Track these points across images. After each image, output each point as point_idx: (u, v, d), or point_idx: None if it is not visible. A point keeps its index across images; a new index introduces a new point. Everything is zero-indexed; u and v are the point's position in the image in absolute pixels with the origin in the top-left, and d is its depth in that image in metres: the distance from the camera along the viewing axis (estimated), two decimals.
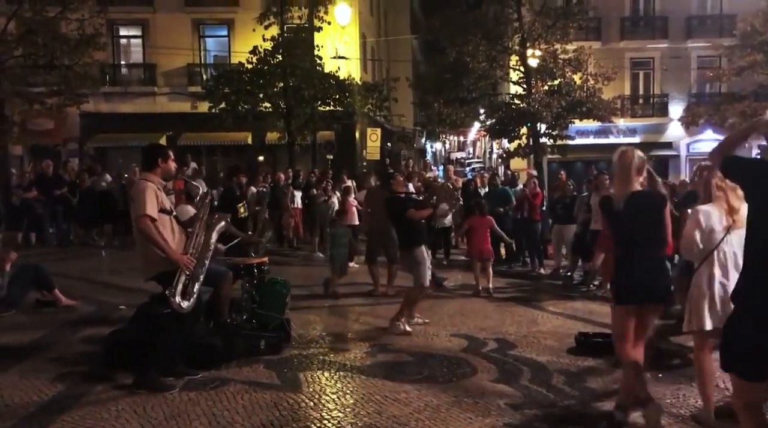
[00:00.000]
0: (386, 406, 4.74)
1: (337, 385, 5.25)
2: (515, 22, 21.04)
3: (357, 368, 5.68)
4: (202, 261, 5.11)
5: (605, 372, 5.57)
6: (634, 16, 27.33)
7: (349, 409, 4.72)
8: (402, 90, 25.43)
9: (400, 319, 6.93)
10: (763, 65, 21.78)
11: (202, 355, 5.52)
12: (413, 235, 7.19)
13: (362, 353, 6.18)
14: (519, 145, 22.04)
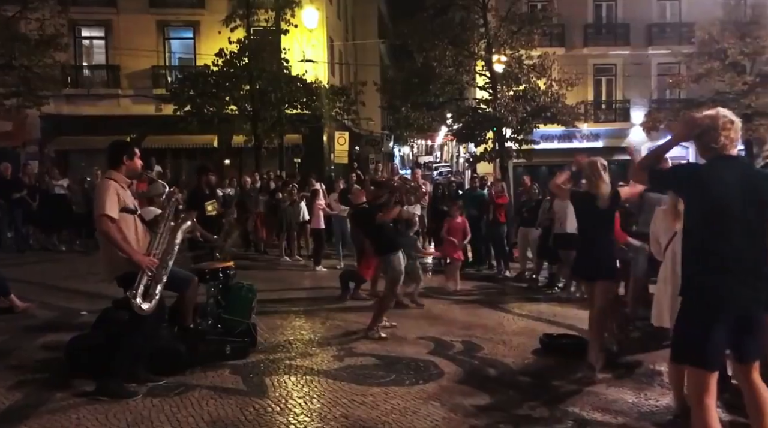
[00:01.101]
0: (353, 410, 4.73)
1: (303, 390, 5.23)
2: (481, 27, 21.24)
3: (324, 372, 5.66)
4: (165, 262, 5.03)
5: (569, 373, 5.65)
6: (597, 23, 27.84)
7: (315, 413, 4.70)
8: (370, 94, 25.45)
9: (374, 327, 6.94)
10: (720, 72, 22.36)
11: (166, 361, 5.44)
12: (388, 242, 7.20)
13: (329, 357, 6.16)
14: (485, 149, 22.23)
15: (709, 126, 3.33)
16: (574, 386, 5.32)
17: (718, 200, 3.21)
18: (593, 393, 5.12)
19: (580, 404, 4.87)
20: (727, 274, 3.18)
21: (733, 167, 3.32)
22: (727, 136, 3.32)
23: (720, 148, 3.33)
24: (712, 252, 3.22)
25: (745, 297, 3.19)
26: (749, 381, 3.33)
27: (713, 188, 3.23)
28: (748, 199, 3.22)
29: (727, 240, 3.19)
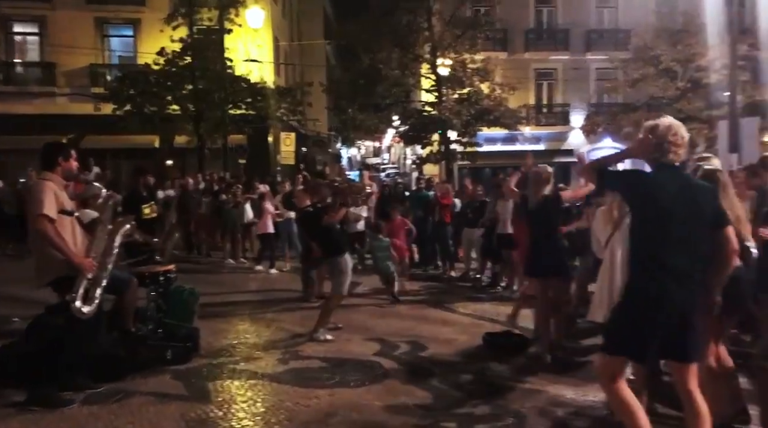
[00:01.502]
0: (297, 413, 4.72)
1: (247, 394, 5.17)
2: (426, 31, 21.50)
3: (268, 376, 5.61)
4: (104, 265, 4.89)
5: (511, 371, 5.78)
6: (537, 28, 28.50)
7: (259, 418, 4.66)
8: (316, 95, 25.36)
9: (319, 330, 6.92)
10: (654, 78, 23.24)
11: (104, 367, 5.29)
12: (335, 244, 7.19)
13: (274, 360, 6.11)
14: (431, 151, 22.51)
15: (659, 138, 3.48)
16: (515, 383, 5.44)
17: (663, 207, 3.37)
18: (533, 390, 5.25)
19: (521, 401, 4.98)
20: (666, 277, 3.34)
21: (676, 176, 3.49)
22: (676, 152, 3.49)
23: (667, 157, 3.49)
24: (654, 255, 3.38)
25: (682, 300, 3.36)
26: (688, 390, 3.47)
27: (658, 195, 3.39)
28: (688, 207, 3.39)
29: (668, 245, 3.36)
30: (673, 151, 3.47)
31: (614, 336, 3.52)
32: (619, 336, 3.48)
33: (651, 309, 3.33)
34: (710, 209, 3.49)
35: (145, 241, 7.14)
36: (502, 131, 24.16)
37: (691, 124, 22.70)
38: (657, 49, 22.88)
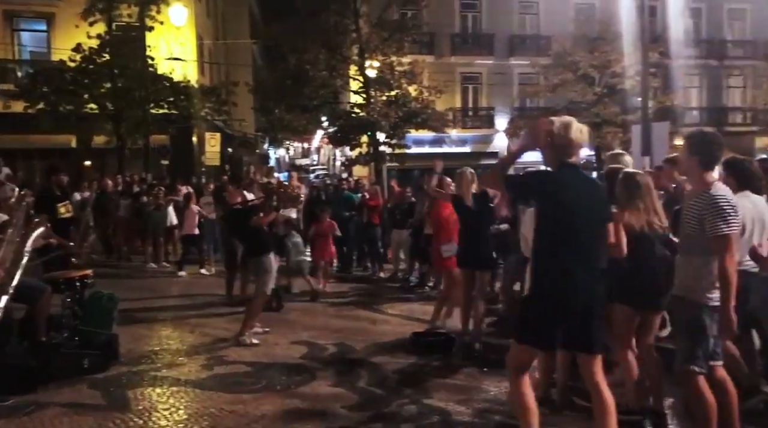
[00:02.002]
0: (222, 419, 4.62)
1: (169, 401, 5.03)
2: (353, 32, 21.51)
3: (191, 382, 5.47)
4: (12, 272, 4.64)
5: (437, 369, 5.87)
6: (463, 33, 29.05)
7: (181, 425, 4.54)
8: (242, 95, 24.92)
9: (245, 333, 6.81)
10: (573, 83, 24.16)
11: (13, 378, 5.01)
12: (260, 243, 7.10)
13: (197, 366, 5.97)
14: (360, 152, 22.54)
15: (563, 136, 3.60)
16: (441, 381, 5.52)
17: (568, 204, 3.50)
18: (458, 387, 5.35)
19: (446, 398, 5.06)
20: (573, 270, 3.49)
21: (577, 174, 3.65)
22: (578, 147, 3.64)
23: (567, 156, 3.62)
24: (561, 249, 3.51)
25: (588, 292, 3.52)
26: (594, 381, 3.61)
27: (563, 193, 3.52)
28: (589, 204, 3.56)
29: (574, 240, 3.50)
30: (576, 151, 3.63)
31: (524, 326, 3.66)
32: (528, 326, 3.62)
33: (559, 301, 3.48)
34: (606, 205, 3.73)
35: (61, 245, 6.83)
36: (430, 133, 24.49)
37: (607, 128, 23.80)
38: (575, 55, 23.79)
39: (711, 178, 3.79)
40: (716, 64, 29.72)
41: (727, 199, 3.67)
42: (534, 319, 3.58)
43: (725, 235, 3.59)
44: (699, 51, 28.15)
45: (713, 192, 3.69)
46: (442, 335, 6.82)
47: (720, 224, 3.60)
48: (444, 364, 6.01)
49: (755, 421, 4.37)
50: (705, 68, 29.45)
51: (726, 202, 3.65)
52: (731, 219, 3.61)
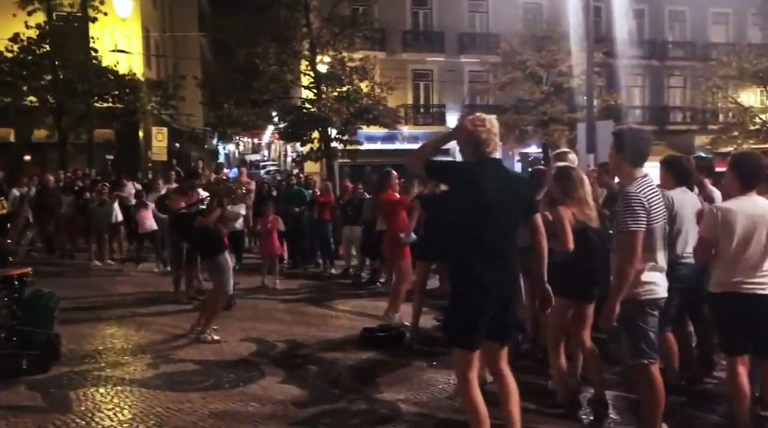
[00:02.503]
0: (168, 418, 4.54)
1: (113, 401, 4.90)
2: (304, 27, 21.35)
3: (137, 381, 5.35)
4: None
5: (388, 364, 5.89)
6: (414, 29, 29.18)
7: (126, 425, 4.43)
8: (190, 89, 24.46)
9: (206, 330, 6.72)
10: (521, 81, 24.60)
11: None
12: (212, 243, 7.00)
13: (143, 365, 5.84)
14: (311, 148, 22.41)
15: (488, 133, 3.66)
16: (391, 376, 5.55)
17: (487, 197, 3.54)
18: (408, 381, 5.39)
19: (396, 392, 5.09)
20: (491, 263, 3.54)
21: (496, 168, 3.70)
22: (495, 141, 3.69)
23: (489, 151, 3.68)
24: (479, 242, 3.55)
25: (506, 283, 3.59)
26: (499, 368, 3.70)
27: (483, 186, 3.56)
28: (509, 197, 3.61)
29: (491, 232, 3.55)
30: (493, 145, 3.67)
31: (449, 328, 3.70)
32: (457, 327, 3.62)
33: (482, 295, 3.51)
34: (527, 198, 3.76)
35: None
36: (382, 130, 24.54)
37: (554, 126, 24.33)
38: (524, 54, 24.21)
39: (639, 173, 3.85)
40: (658, 64, 30.72)
41: (639, 197, 3.70)
42: (458, 320, 3.60)
43: (630, 232, 3.67)
44: (642, 51, 29.05)
45: (628, 189, 3.80)
46: (393, 330, 6.86)
47: (628, 221, 3.68)
48: (394, 359, 6.04)
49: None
50: (647, 68, 30.40)
51: (637, 200, 3.69)
52: (640, 217, 3.66)
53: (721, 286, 3.92)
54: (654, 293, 3.79)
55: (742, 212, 3.83)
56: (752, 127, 25.22)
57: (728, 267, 3.87)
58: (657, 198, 3.80)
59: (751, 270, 3.83)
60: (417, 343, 6.44)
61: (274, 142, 56.19)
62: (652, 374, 3.80)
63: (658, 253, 3.82)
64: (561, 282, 4.43)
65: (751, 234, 3.82)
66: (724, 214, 3.86)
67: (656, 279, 3.81)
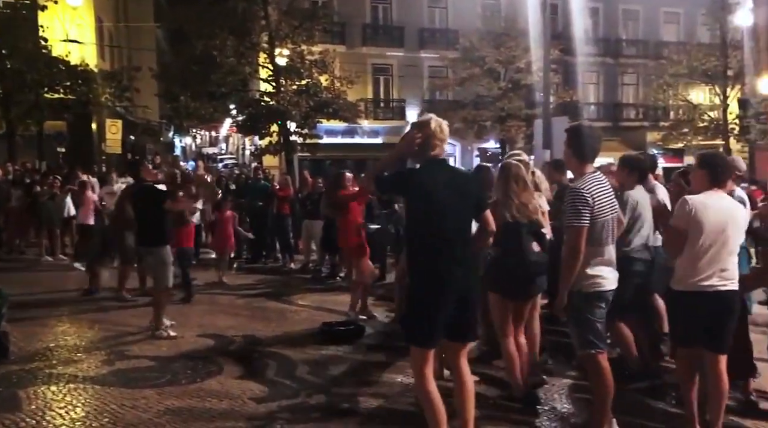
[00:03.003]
0: (123, 415, 4.47)
1: (65, 399, 4.80)
2: (262, 20, 21.10)
3: (90, 378, 5.25)
4: None
5: (346, 359, 5.92)
6: (374, 23, 29.10)
7: (79, 423, 4.35)
8: (145, 80, 23.92)
9: (160, 327, 6.63)
10: (479, 77, 24.82)
11: None
12: (161, 233, 6.89)
13: (97, 362, 5.73)
14: (270, 142, 22.20)
15: (428, 135, 3.71)
16: (349, 370, 5.58)
17: (436, 198, 3.60)
18: (366, 376, 5.42)
19: (354, 387, 5.13)
20: (446, 262, 3.59)
21: (443, 169, 3.77)
22: (440, 143, 3.74)
23: (434, 154, 3.74)
24: (434, 243, 3.60)
25: (462, 280, 3.62)
26: (458, 365, 3.75)
27: (431, 188, 3.62)
28: (458, 195, 3.67)
29: (444, 232, 3.61)
30: (438, 146, 3.73)
31: (411, 326, 3.71)
32: (414, 325, 3.67)
33: (437, 294, 3.56)
34: (475, 196, 3.81)
35: None
36: (342, 124, 24.46)
37: (512, 122, 24.63)
38: (482, 50, 24.42)
39: (588, 169, 3.95)
40: (612, 61, 31.38)
41: (582, 193, 3.80)
42: (415, 318, 3.64)
43: (572, 228, 3.79)
44: (597, 49, 29.63)
45: (573, 185, 3.91)
46: (352, 325, 6.88)
47: (571, 217, 3.80)
48: (353, 354, 6.06)
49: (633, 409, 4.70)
50: (602, 66, 31.02)
51: (580, 196, 3.78)
52: (583, 213, 3.76)
53: (685, 285, 3.92)
54: (601, 286, 3.89)
55: (712, 206, 3.88)
56: (701, 124, 25.98)
57: (693, 263, 3.88)
58: (604, 192, 3.89)
59: (716, 266, 3.86)
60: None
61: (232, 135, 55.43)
62: (600, 363, 3.90)
63: (607, 247, 3.92)
64: (493, 279, 4.57)
65: (718, 230, 3.86)
66: (697, 207, 3.86)
67: (603, 272, 3.90)
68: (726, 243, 3.88)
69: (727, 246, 3.89)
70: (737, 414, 4.47)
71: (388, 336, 6.61)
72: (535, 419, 4.48)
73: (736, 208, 4.00)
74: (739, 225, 3.95)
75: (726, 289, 3.89)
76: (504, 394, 4.81)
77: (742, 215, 3.98)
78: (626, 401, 4.20)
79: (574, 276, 3.81)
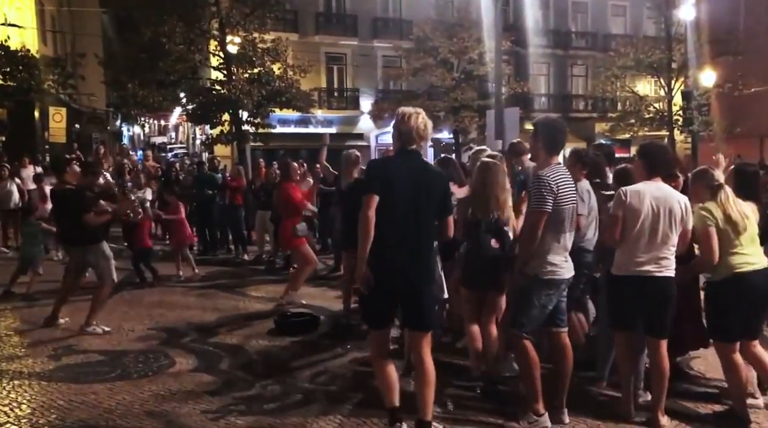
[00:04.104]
0: (72, 411, 4.36)
1: (10, 396, 4.66)
2: (213, 6, 20.67)
3: (36, 374, 5.11)
4: None
5: (301, 349, 5.91)
6: (327, 12, 28.86)
7: (25, 420, 4.23)
8: (91, 67, 23.23)
9: (92, 322, 6.44)
10: (433, 68, 24.92)
11: None
12: (91, 232, 6.53)
13: (43, 358, 5.56)
14: (222, 131, 21.83)
15: (409, 129, 3.78)
16: (305, 361, 5.57)
17: (394, 188, 3.69)
18: (321, 366, 5.42)
19: (310, 377, 5.12)
20: (396, 252, 3.71)
21: (411, 160, 3.82)
22: (419, 140, 3.80)
23: (409, 146, 3.81)
24: (385, 232, 3.69)
25: (411, 272, 3.75)
26: (419, 354, 3.84)
27: (392, 178, 3.71)
28: (420, 188, 3.75)
29: (397, 222, 3.70)
30: (416, 142, 3.81)
31: (364, 309, 3.99)
32: (366, 309, 3.96)
33: (385, 282, 3.71)
34: (439, 195, 3.83)
35: None
36: (296, 113, 24.24)
37: (465, 113, 24.85)
38: (435, 40, 24.51)
39: (554, 161, 4.06)
40: (562, 53, 31.97)
41: (548, 180, 3.91)
42: (369, 302, 3.84)
43: (535, 212, 3.93)
44: (547, 41, 30.13)
45: (539, 172, 4.02)
46: (306, 315, 6.86)
47: (533, 201, 3.94)
48: (308, 345, 6.05)
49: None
50: (552, 57, 31.57)
51: (545, 183, 3.90)
52: (546, 199, 3.87)
53: (622, 269, 4.15)
54: (556, 274, 4.00)
55: (648, 194, 4.08)
56: (647, 115, 26.72)
57: (630, 249, 4.09)
58: (567, 183, 4.02)
59: (652, 252, 4.06)
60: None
61: (181, 124, 54.25)
62: (525, 347, 4.06)
63: (565, 235, 4.03)
64: (463, 273, 4.71)
65: (654, 216, 4.05)
66: (631, 195, 4.09)
67: (559, 261, 4.02)
68: (659, 231, 4.05)
69: (660, 233, 4.05)
70: (680, 397, 4.64)
71: (341, 327, 6.62)
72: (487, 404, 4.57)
73: (672, 197, 4.14)
74: (675, 214, 4.09)
75: (661, 275, 4.07)
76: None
77: (678, 205, 4.13)
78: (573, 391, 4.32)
79: (529, 257, 3.97)
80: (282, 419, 4.27)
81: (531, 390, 4.07)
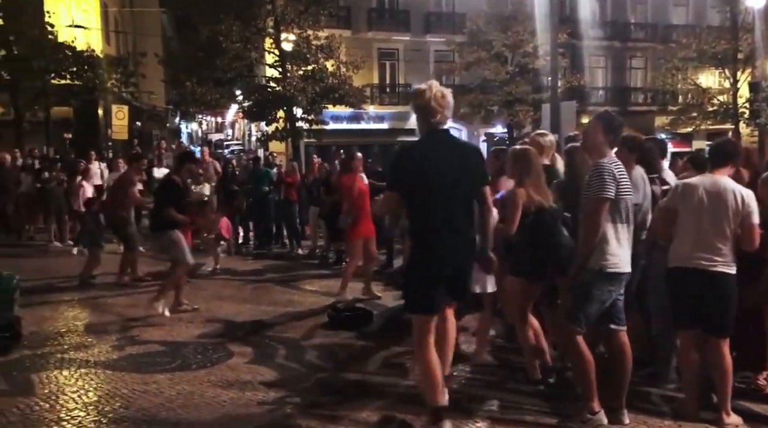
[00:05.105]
0: (135, 399, 4.51)
1: (78, 383, 4.85)
2: (268, 4, 20.98)
3: (102, 363, 5.30)
4: None
5: (353, 343, 5.95)
6: (380, 8, 28.90)
7: (91, 407, 4.39)
8: (151, 66, 23.90)
9: (160, 300, 6.75)
10: (486, 62, 24.64)
11: None
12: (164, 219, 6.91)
13: (108, 347, 5.77)
14: (276, 128, 22.17)
15: (423, 105, 3.75)
16: (358, 355, 5.60)
17: (433, 169, 3.68)
18: (375, 359, 5.44)
19: (364, 371, 5.15)
20: (443, 232, 3.71)
21: (443, 139, 3.81)
22: (441, 109, 3.76)
23: (436, 120, 3.77)
24: (430, 215, 3.72)
25: (458, 251, 3.75)
26: (444, 316, 4.05)
27: (426, 163, 3.69)
28: (458, 166, 3.73)
29: (440, 204, 3.70)
30: (439, 112, 3.75)
31: (410, 296, 3.88)
32: (413, 295, 3.84)
33: (435, 264, 3.72)
34: (477, 169, 3.87)
35: None
36: (348, 109, 24.39)
37: (519, 107, 24.47)
38: (489, 34, 24.22)
39: (612, 154, 4.00)
40: (620, 45, 31.09)
41: (610, 167, 3.83)
42: (416, 288, 3.80)
43: (597, 199, 3.80)
44: (604, 32, 29.36)
45: (599, 161, 3.91)
46: (360, 310, 6.90)
47: (595, 188, 3.81)
48: (361, 338, 6.08)
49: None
50: (610, 49, 30.75)
51: (608, 170, 3.81)
52: (608, 186, 3.78)
53: (674, 261, 4.10)
54: (618, 267, 3.89)
55: (702, 187, 4.02)
56: (710, 109, 25.76)
57: (684, 241, 4.05)
58: (625, 175, 3.93)
59: (703, 245, 3.98)
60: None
61: (238, 121, 55.33)
62: (577, 343, 3.96)
63: (624, 226, 3.92)
64: (516, 262, 4.57)
65: (704, 209, 3.98)
66: (684, 187, 4.06)
67: (621, 253, 3.91)
68: (709, 224, 3.98)
69: (712, 227, 3.98)
70: (746, 398, 4.46)
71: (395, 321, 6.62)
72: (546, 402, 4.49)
73: (728, 190, 4.01)
74: (730, 207, 3.96)
75: (715, 270, 3.97)
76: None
77: (733, 197, 3.98)
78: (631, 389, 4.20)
79: (593, 248, 3.84)
80: (338, 411, 4.31)
81: (585, 387, 3.98)
